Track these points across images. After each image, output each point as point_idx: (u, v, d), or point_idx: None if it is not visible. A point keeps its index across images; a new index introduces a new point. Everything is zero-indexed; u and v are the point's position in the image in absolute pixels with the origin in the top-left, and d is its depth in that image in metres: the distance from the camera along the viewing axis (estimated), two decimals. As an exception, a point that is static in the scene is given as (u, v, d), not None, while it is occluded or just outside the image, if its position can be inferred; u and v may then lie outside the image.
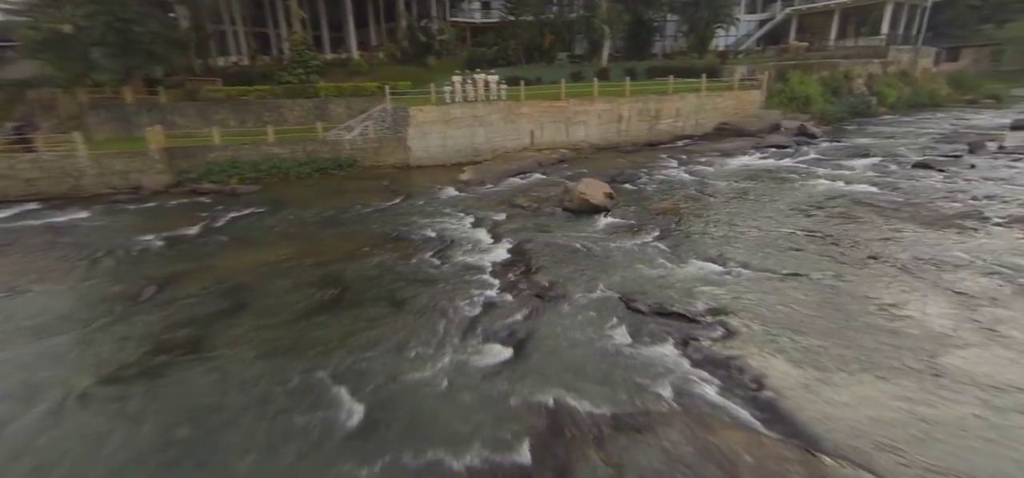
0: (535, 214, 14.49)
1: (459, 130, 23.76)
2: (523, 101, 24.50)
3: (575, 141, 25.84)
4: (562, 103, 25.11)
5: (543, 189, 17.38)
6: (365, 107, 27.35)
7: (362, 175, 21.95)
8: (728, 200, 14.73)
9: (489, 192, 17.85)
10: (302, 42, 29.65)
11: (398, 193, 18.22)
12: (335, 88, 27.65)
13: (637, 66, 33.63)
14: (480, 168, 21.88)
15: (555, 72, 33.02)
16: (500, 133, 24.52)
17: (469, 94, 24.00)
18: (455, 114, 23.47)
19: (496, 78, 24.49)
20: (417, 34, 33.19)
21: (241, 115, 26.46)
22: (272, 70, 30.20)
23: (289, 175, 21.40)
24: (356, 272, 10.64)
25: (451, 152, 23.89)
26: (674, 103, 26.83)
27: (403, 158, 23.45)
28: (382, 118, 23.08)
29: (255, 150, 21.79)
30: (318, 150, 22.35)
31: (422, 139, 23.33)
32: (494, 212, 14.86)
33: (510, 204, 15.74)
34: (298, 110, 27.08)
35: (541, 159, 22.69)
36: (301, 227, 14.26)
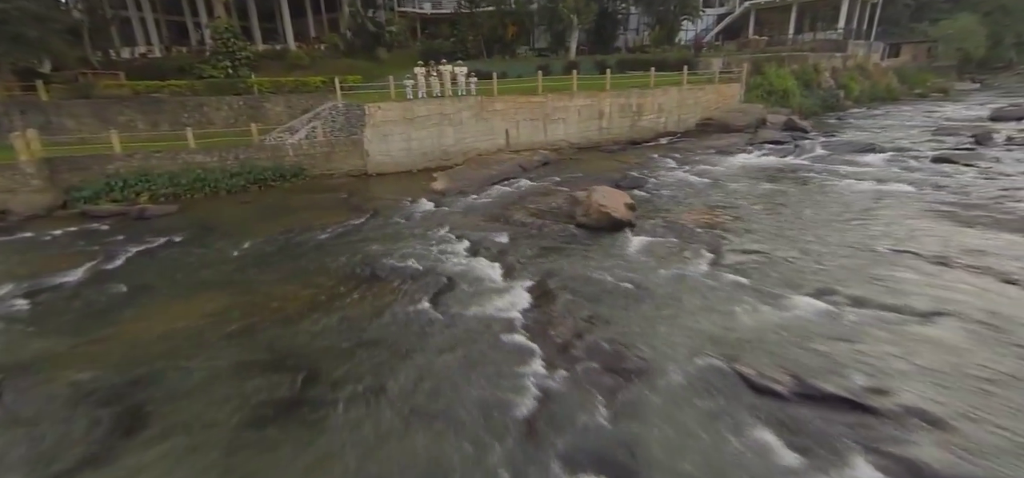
0: (542, 233, 11.74)
1: (424, 130, 20.50)
2: (497, 96, 21.61)
3: (554, 140, 23.31)
4: (539, 99, 22.48)
5: (539, 199, 14.65)
6: (309, 105, 23.36)
7: (311, 187, 18.19)
8: (765, 207, 12.68)
9: (474, 205, 14.87)
10: (227, 29, 25.05)
11: (360, 209, 14.81)
12: (271, 83, 23.42)
13: (608, 59, 31.69)
14: (453, 174, 18.79)
15: (521, 66, 30.39)
16: (472, 133, 21.51)
17: (434, 89, 20.80)
18: (419, 112, 20.19)
19: (465, 70, 21.44)
20: (366, 23, 29.33)
21: (152, 116, 21.65)
22: (191, 63, 25.34)
23: (218, 189, 17.27)
24: (319, 340, 7.39)
25: (416, 156, 20.59)
26: (656, 98, 24.98)
27: (359, 164, 19.87)
28: (333, 117, 19.38)
29: (172, 159, 17.44)
30: (254, 157, 18.32)
31: (382, 142, 19.87)
32: (490, 232, 11.95)
33: (505, 220, 12.88)
34: (226, 110, 22.62)
35: (522, 161, 19.92)
36: (235, 265, 10.64)
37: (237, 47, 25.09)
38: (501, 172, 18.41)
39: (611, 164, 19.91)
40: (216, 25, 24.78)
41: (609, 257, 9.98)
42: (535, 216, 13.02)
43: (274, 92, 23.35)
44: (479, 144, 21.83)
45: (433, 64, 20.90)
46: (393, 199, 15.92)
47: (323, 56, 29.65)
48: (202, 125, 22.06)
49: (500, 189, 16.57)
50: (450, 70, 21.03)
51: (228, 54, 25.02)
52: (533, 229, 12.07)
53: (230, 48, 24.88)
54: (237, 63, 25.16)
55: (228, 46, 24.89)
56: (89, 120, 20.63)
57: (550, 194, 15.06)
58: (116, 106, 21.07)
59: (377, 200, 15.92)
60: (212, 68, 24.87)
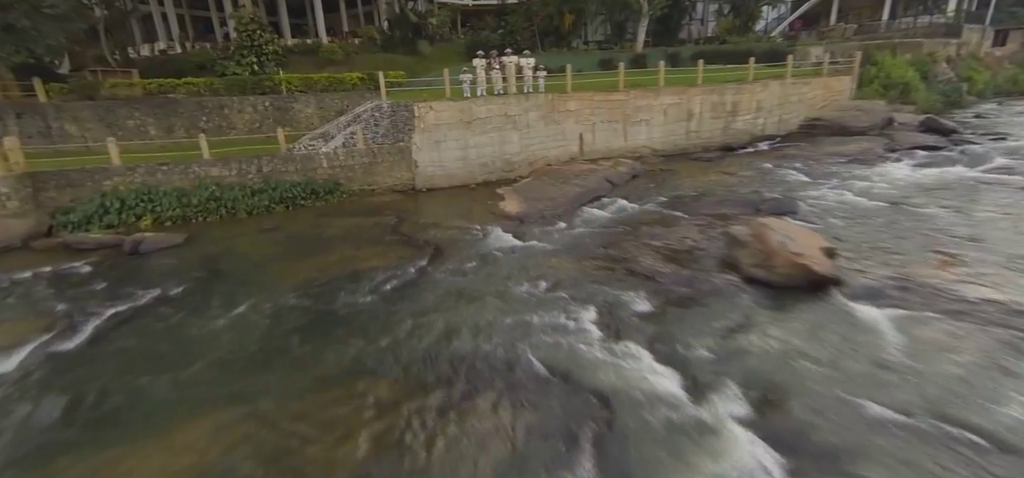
0: (699, 294, 7.79)
1: (484, 136, 16.75)
2: (570, 94, 17.71)
3: (635, 146, 19.28)
4: (620, 96, 18.47)
5: (661, 231, 10.67)
6: (344, 106, 19.98)
7: (349, 207, 14.67)
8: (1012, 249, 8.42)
9: (568, 238, 11.01)
10: (252, 21, 21.90)
11: (417, 244, 11.12)
12: (301, 81, 20.10)
13: (681, 51, 27.40)
14: (524, 190, 14.97)
15: (580, 60, 26.42)
16: (540, 138, 17.67)
17: (496, 85, 17.05)
18: (479, 112, 16.46)
19: (532, 63, 17.60)
20: (406, 14, 25.87)
21: (166, 119, 18.59)
22: (213, 59, 22.32)
23: (236, 210, 13.91)
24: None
25: (474, 167, 16.87)
26: (755, 94, 20.64)
27: (406, 177, 16.27)
28: (375, 120, 15.82)
29: (182, 173, 14.17)
30: (281, 170, 14.90)
31: (433, 149, 16.21)
32: (614, 287, 8.11)
33: (628, 268, 8.99)
34: (249, 112, 19.41)
35: (608, 174, 15.94)
36: (247, 355, 7.01)
37: (263, 41, 21.92)
38: (586, 189, 14.48)
39: (718, 177, 15.73)
40: (240, 16, 21.69)
41: (842, 351, 5.97)
42: (670, 261, 9.07)
43: (304, 91, 20.03)
44: (548, 152, 17.98)
45: (494, 56, 17.13)
46: (456, 227, 12.20)
47: (357, 51, 26.35)
48: (222, 130, 18.89)
49: (593, 213, 12.66)
50: (515, 63, 17.23)
51: (253, 48, 21.88)
52: (679, 285, 8.12)
53: (255, 42, 21.73)
54: (263, 58, 21.99)
55: (253, 39, 21.75)
56: (93, 124, 17.65)
57: (673, 224, 11.06)
58: (125, 108, 18.04)
59: (435, 228, 12.21)
60: (236, 65, 21.77)
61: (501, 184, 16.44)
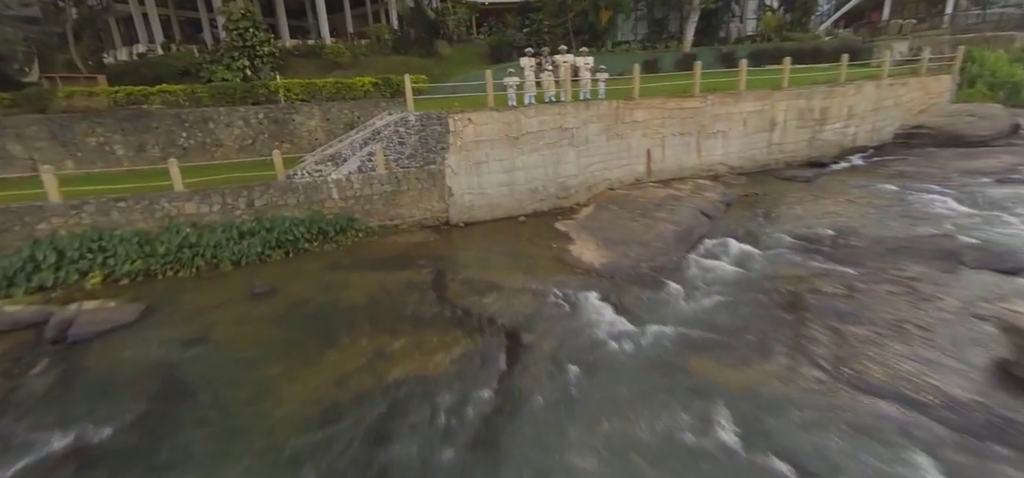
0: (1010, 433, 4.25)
1: (535, 154, 13.28)
2: (637, 100, 14.26)
3: (710, 163, 15.84)
4: (695, 102, 15.02)
5: (848, 303, 7.17)
6: (355, 118, 16.52)
7: (368, 250, 11.16)
8: None
9: (700, 314, 7.52)
10: (244, 17, 18.46)
11: (477, 323, 7.62)
12: (303, 87, 16.61)
13: (736, 49, 24.00)
14: (594, 226, 11.50)
15: (620, 61, 23.01)
16: (601, 155, 14.22)
17: (547, 90, 13.61)
18: (529, 125, 13.00)
19: (591, 62, 14.18)
20: (424, 10, 22.41)
21: (137, 136, 15.09)
22: (199, 62, 18.85)
23: (219, 260, 10.40)
24: None
25: (522, 193, 13.39)
26: (847, 98, 17.20)
27: (438, 209, 12.79)
28: (399, 137, 12.31)
29: (146, 210, 10.66)
30: (278, 203, 11.41)
31: (472, 173, 12.74)
32: (864, 438, 4.58)
33: (855, 385, 5.48)
34: (240, 126, 15.92)
35: (700, 203, 12.44)
36: None
37: (257, 40, 18.47)
38: (681, 226, 10.96)
39: (837, 204, 12.25)
40: (229, 11, 18.23)
41: None
42: (904, 366, 5.56)
43: (307, 100, 16.54)
44: (610, 172, 14.53)
45: (546, 54, 13.65)
46: (523, 290, 8.69)
47: (366, 52, 22.91)
48: (206, 148, 15.42)
49: (709, 266, 9.15)
50: (570, 62, 13.79)
51: (245, 50, 18.43)
52: (963, 421, 4.60)
53: (248, 42, 18.28)
54: (257, 61, 18.54)
55: (245, 39, 18.30)
56: (44, 144, 14.14)
57: (849, 288, 7.54)
58: (85, 123, 14.53)
59: (493, 291, 8.71)
60: (225, 69, 18.30)
61: (557, 216, 12.98)
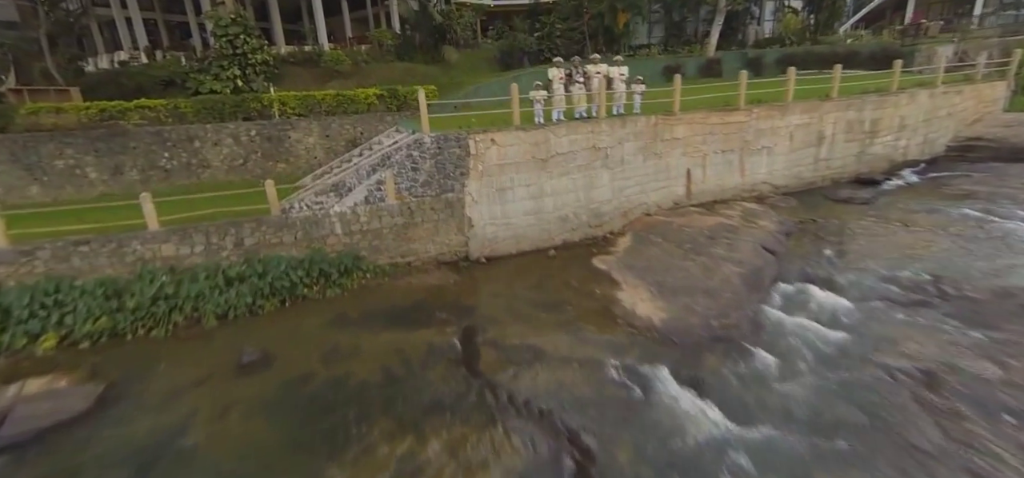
0: None
1: (565, 177, 11.67)
2: (678, 115, 12.66)
3: (753, 182, 14.27)
4: (740, 116, 13.44)
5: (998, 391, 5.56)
6: (358, 134, 14.89)
7: (378, 297, 9.51)
8: None
9: (817, 409, 5.88)
10: (235, 22, 16.79)
11: (524, 418, 5.97)
12: (300, 100, 14.90)
13: (764, 54, 22.46)
14: (640, 266, 9.88)
15: (642, 67, 21.45)
16: (637, 178, 12.61)
17: (578, 104, 12.00)
18: (559, 145, 11.38)
19: (625, 71, 12.57)
20: (430, 13, 20.75)
21: (113, 158, 13.38)
22: (185, 71, 17.13)
23: (201, 313, 8.72)
24: None
25: (550, 222, 11.77)
26: (899, 108, 15.67)
27: (456, 242, 11.14)
28: (412, 162, 10.63)
29: (114, 254, 8.98)
30: (271, 241, 9.74)
31: (495, 201, 11.11)
32: None
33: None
34: (230, 145, 14.23)
35: (759, 235, 10.84)
36: None
37: (249, 48, 16.79)
38: (745, 267, 9.35)
39: (908, 233, 10.70)
40: (218, 16, 16.53)
41: None
42: None
43: (304, 114, 14.86)
44: (647, 196, 12.93)
45: (577, 63, 12.02)
46: (564, 361, 7.07)
47: (367, 59, 21.26)
48: (191, 169, 13.75)
49: (797, 326, 7.53)
50: (604, 72, 12.18)
51: (236, 58, 16.76)
52: None
53: (239, 49, 16.60)
54: (249, 70, 16.87)
55: (236, 47, 16.62)
56: (4, 168, 12.41)
57: (1013, 369, 5.93)
58: (52, 143, 12.82)
59: (529, 361, 7.09)
60: (213, 79, 16.65)
61: (591, 248, 11.39)
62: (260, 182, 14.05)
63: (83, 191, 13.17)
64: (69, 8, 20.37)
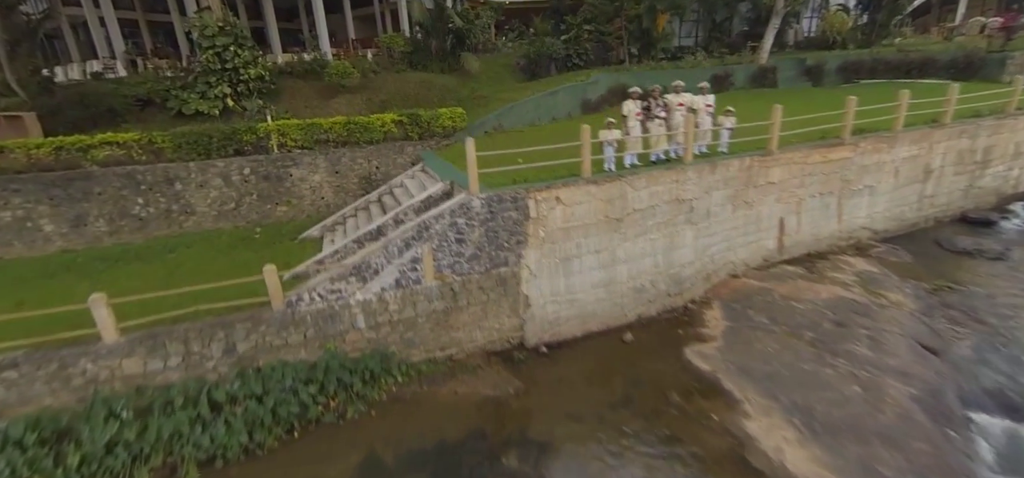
0: None
1: (642, 238, 9.26)
2: (775, 155, 10.18)
3: (850, 228, 11.88)
4: (844, 151, 11.01)
5: None
6: (373, 170, 12.46)
7: (414, 423, 7.11)
8: None
9: None
10: (223, 31, 14.17)
11: None
12: (302, 131, 12.25)
13: (825, 58, 19.90)
14: (752, 361, 7.49)
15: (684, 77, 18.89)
16: (724, 232, 10.20)
17: (657, 144, 9.53)
18: (638, 199, 8.97)
19: (712, 100, 10.07)
20: (449, 15, 18.04)
21: (73, 207, 10.83)
22: (166, 88, 14.44)
23: (176, 464, 6.27)
24: None
25: (623, 294, 9.37)
26: (1016, 132, 13.27)
27: (508, 326, 8.73)
28: (457, 231, 8.11)
29: (56, 376, 6.50)
30: (274, 344, 7.28)
31: (557, 273, 8.71)
32: None
33: None
34: (219, 187, 11.68)
35: (902, 320, 8.43)
36: None
37: (240, 61, 14.17)
38: (916, 382, 6.95)
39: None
40: (203, 22, 13.85)
41: None
42: None
43: (308, 147, 12.29)
44: (735, 253, 10.52)
45: (657, 94, 9.47)
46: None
47: (377, 68, 18.62)
48: (174, 217, 11.28)
49: None
50: (688, 103, 9.69)
51: (226, 73, 14.15)
52: None
53: (228, 63, 13.99)
54: (241, 87, 14.29)
55: (225, 60, 14.01)
56: (-68, 228, 9.86)
57: None
58: (-4, 192, 10.26)
59: None
60: (199, 98, 14.07)
61: (672, 326, 9.03)
62: (255, 229, 11.66)
63: (36, 248, 10.65)
64: (29, 12, 17.57)
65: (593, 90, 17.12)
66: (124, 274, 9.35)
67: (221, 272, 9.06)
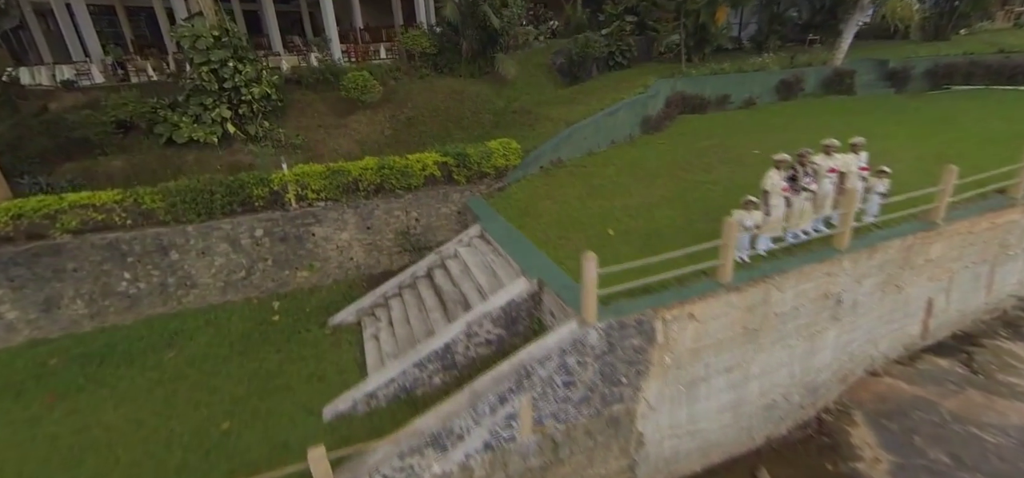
0: None
1: (778, 346, 7.18)
2: (940, 228, 8.00)
3: (998, 298, 9.89)
4: (1014, 215, 8.85)
5: None
6: (411, 222, 10.36)
7: None
8: None
9: None
10: (218, 42, 11.60)
11: None
12: (325, 180, 9.83)
13: (913, 63, 17.37)
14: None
15: (747, 84, 16.47)
16: (867, 324, 8.14)
17: (802, 220, 7.32)
18: (781, 302, 6.84)
19: (865, 158, 7.80)
20: (484, 13, 15.22)
21: (44, 287, 8.55)
22: (153, 108, 11.85)
23: None
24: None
25: (752, 414, 7.35)
26: None
27: (616, 469, 6.70)
28: (565, 374, 5.94)
29: None
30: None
31: (680, 402, 6.66)
32: None
33: None
34: (225, 251, 9.36)
35: None
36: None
37: (242, 79, 11.66)
38: None
39: None
40: (193, 33, 11.23)
41: None
42: None
43: (333, 198, 9.90)
44: (876, 345, 8.52)
45: (806, 159, 7.16)
46: None
47: (396, 72, 16.04)
48: (171, 292, 9.16)
49: None
50: (840, 165, 7.44)
51: (224, 94, 11.68)
52: None
53: (226, 82, 11.50)
54: (243, 107, 11.87)
55: (222, 78, 11.51)
56: None
57: None
58: (-63, 276, 7.94)
59: None
60: (193, 123, 11.63)
61: (813, 456, 7.06)
62: (272, 302, 9.48)
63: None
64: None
65: (653, 104, 14.70)
66: (108, 398, 7.18)
67: (237, 394, 6.97)
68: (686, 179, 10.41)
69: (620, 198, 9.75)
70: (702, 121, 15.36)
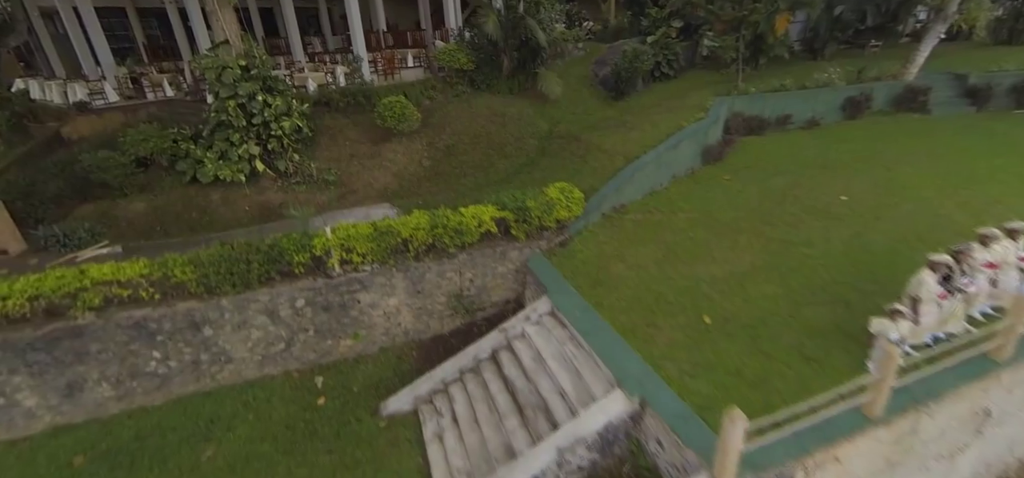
0: None
1: (916, 477, 6.06)
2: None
3: None
4: None
5: None
6: (466, 285, 9.52)
7: None
8: None
9: None
10: (246, 72, 10.48)
11: None
12: (373, 239, 8.74)
13: (996, 78, 15.79)
14: None
15: (809, 102, 15.06)
16: (1008, 432, 6.99)
17: (945, 324, 6.17)
18: (927, 430, 5.73)
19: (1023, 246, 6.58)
20: (529, 28, 13.73)
21: (65, 371, 7.63)
22: (173, 138, 10.81)
23: None
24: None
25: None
26: None
27: None
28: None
29: None
30: None
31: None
32: None
33: None
34: (263, 324, 8.37)
35: None
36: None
37: (272, 114, 10.57)
38: None
39: None
40: (218, 63, 10.10)
41: None
42: None
43: (381, 261, 8.83)
44: (1010, 452, 7.38)
45: (966, 258, 5.97)
46: None
47: (431, 91, 14.83)
48: (204, 369, 8.32)
49: None
50: (1000, 258, 6.24)
51: (252, 128, 10.62)
52: None
53: (255, 117, 10.42)
54: (272, 142, 10.82)
55: (251, 113, 10.43)
56: None
57: None
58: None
59: None
60: (218, 160, 10.63)
61: None
62: (314, 378, 8.54)
63: (15, 429, 7.58)
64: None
65: (713, 131, 13.41)
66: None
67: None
68: (773, 238, 9.21)
69: (703, 265, 8.61)
70: (764, 146, 14.03)
